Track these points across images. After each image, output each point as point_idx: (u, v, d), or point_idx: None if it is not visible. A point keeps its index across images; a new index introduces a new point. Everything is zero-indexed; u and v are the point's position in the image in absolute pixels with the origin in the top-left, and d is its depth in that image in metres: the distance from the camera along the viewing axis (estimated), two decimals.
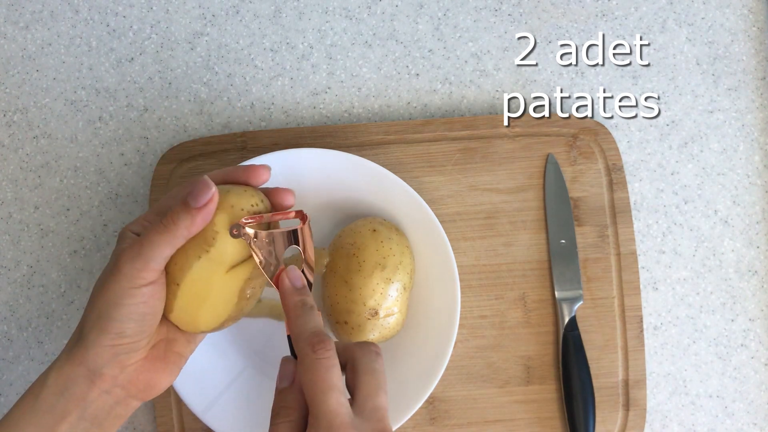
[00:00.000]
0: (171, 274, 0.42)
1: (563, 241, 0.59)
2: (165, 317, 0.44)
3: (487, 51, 0.63)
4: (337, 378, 0.39)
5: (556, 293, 0.59)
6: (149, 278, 0.41)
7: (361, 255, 0.52)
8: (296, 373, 0.42)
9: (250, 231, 0.42)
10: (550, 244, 0.59)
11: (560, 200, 0.59)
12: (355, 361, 0.42)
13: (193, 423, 0.57)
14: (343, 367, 0.42)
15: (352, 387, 0.41)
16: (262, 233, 0.42)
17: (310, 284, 0.45)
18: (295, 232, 0.44)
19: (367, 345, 0.42)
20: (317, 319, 0.42)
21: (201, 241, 0.42)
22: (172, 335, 0.45)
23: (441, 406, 0.58)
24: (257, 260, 0.42)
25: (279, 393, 0.42)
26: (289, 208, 0.46)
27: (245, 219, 0.42)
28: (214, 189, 0.41)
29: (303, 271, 0.44)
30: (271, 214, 0.44)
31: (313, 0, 0.63)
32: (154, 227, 0.41)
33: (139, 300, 0.41)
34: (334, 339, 0.44)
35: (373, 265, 0.52)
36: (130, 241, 0.42)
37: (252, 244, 0.42)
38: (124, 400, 0.43)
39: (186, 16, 0.63)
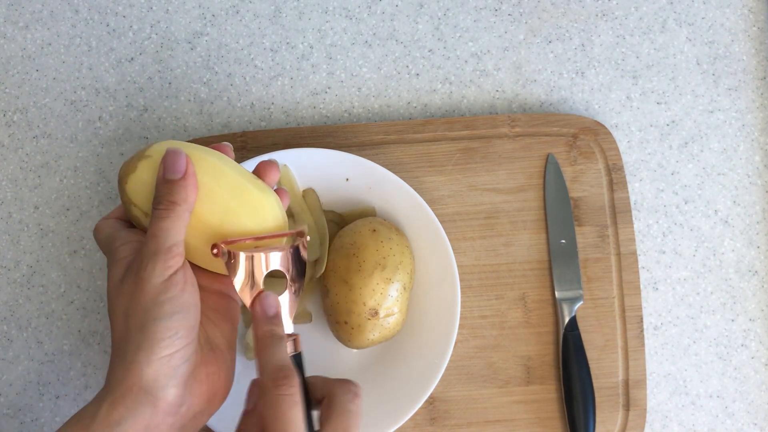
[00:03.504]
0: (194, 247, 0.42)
1: (563, 241, 0.59)
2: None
3: (487, 51, 0.63)
4: (297, 417, 0.37)
5: (556, 293, 0.59)
6: (176, 264, 0.39)
7: (361, 255, 0.52)
8: (258, 401, 0.40)
9: (230, 253, 0.40)
10: (550, 244, 0.59)
11: (560, 200, 0.59)
12: (331, 398, 0.39)
13: None
14: (319, 402, 0.40)
15: (323, 422, 0.39)
16: (241, 254, 0.40)
17: (294, 304, 0.43)
18: (278, 255, 0.42)
19: (347, 384, 0.40)
20: (284, 353, 0.39)
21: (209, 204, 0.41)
22: (210, 333, 0.42)
23: (441, 406, 0.58)
24: (234, 283, 0.41)
25: (243, 414, 0.41)
26: (274, 183, 0.44)
27: (230, 239, 0.41)
28: (181, 151, 0.40)
29: (288, 295, 0.42)
30: (261, 236, 0.42)
31: (313, 0, 0.63)
32: (157, 218, 0.40)
33: (178, 289, 0.39)
34: (305, 375, 0.42)
35: (373, 265, 0.52)
36: (133, 243, 0.41)
37: (228, 265, 0.40)
38: (192, 418, 0.40)
39: (186, 16, 0.63)
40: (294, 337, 0.41)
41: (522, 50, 0.63)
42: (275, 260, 0.42)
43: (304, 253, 0.43)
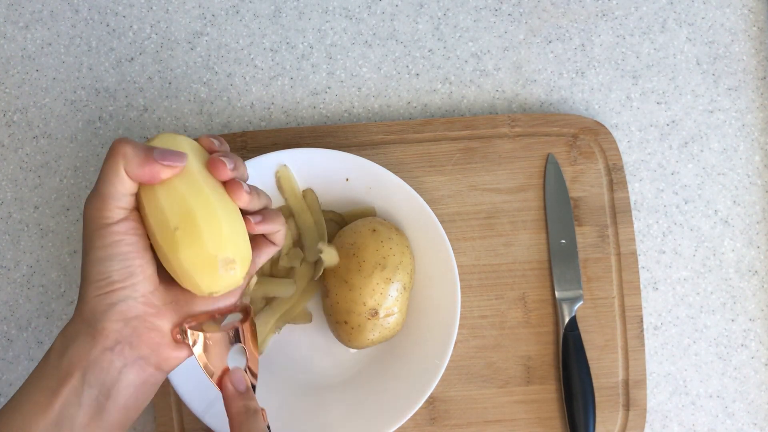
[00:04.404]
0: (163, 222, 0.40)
1: (563, 241, 0.59)
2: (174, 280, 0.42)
3: (487, 51, 0.63)
4: None
5: (556, 293, 0.59)
6: (114, 217, 0.39)
7: (361, 255, 0.52)
8: None
9: (191, 334, 0.41)
10: (551, 244, 0.59)
11: (560, 200, 0.59)
12: None
13: (193, 423, 0.57)
14: None
15: None
16: (204, 336, 0.41)
17: (254, 382, 0.43)
18: (236, 330, 0.43)
19: None
20: (262, 425, 0.40)
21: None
22: (189, 298, 0.42)
23: (441, 406, 0.58)
24: (199, 363, 0.41)
25: None
26: (215, 151, 0.43)
27: (187, 321, 0.41)
28: (184, 155, 0.40)
29: (248, 369, 0.43)
30: (213, 311, 0.43)
31: (313, 0, 0.63)
32: (106, 164, 0.39)
33: (113, 239, 0.39)
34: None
35: (373, 265, 0.52)
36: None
37: (194, 347, 0.41)
38: (136, 363, 0.40)
39: (186, 16, 0.63)
40: (262, 411, 0.42)
41: (522, 50, 0.63)
42: (234, 336, 0.42)
43: (251, 328, 0.44)
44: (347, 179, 0.56)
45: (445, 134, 0.60)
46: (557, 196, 0.60)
